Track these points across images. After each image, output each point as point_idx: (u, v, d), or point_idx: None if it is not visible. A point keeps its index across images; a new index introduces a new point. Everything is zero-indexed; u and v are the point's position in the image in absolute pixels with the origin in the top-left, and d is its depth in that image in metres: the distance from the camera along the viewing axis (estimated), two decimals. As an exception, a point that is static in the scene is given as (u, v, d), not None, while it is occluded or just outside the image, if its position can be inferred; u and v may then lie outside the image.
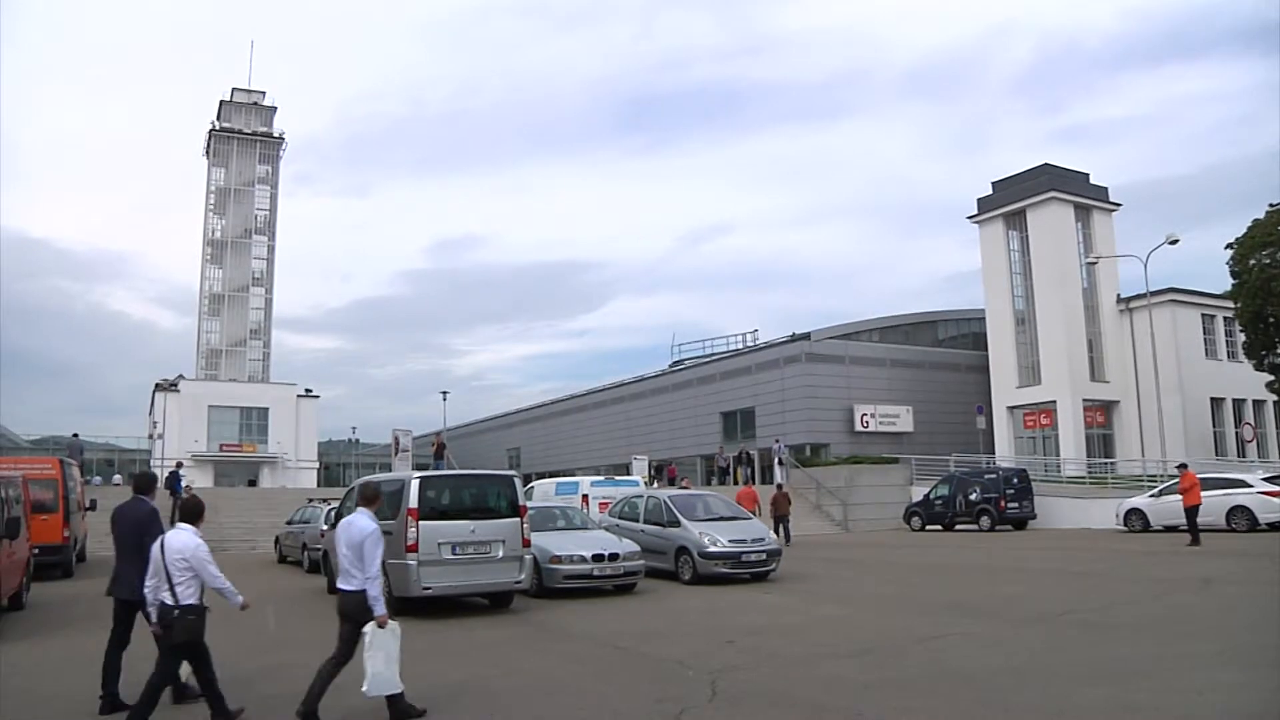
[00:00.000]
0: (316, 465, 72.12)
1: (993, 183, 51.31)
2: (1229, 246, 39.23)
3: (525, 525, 13.77)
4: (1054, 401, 46.76)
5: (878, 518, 36.10)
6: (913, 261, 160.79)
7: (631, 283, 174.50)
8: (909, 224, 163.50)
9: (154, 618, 7.16)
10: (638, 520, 19.04)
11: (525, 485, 28.59)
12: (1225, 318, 46.98)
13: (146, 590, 7.23)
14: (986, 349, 50.45)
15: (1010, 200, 49.46)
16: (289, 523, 24.76)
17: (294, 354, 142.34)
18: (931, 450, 43.53)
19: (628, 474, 34.74)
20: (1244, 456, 45.17)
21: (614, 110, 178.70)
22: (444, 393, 61.70)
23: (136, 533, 7.83)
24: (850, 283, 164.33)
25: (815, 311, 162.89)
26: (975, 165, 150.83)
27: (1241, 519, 25.53)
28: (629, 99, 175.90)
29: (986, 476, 33.41)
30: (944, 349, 55.10)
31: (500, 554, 13.36)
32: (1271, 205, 38.71)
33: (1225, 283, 40.71)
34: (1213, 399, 47.36)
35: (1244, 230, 38.92)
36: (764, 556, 17.48)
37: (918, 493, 36.55)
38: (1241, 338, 41.38)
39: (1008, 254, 49.59)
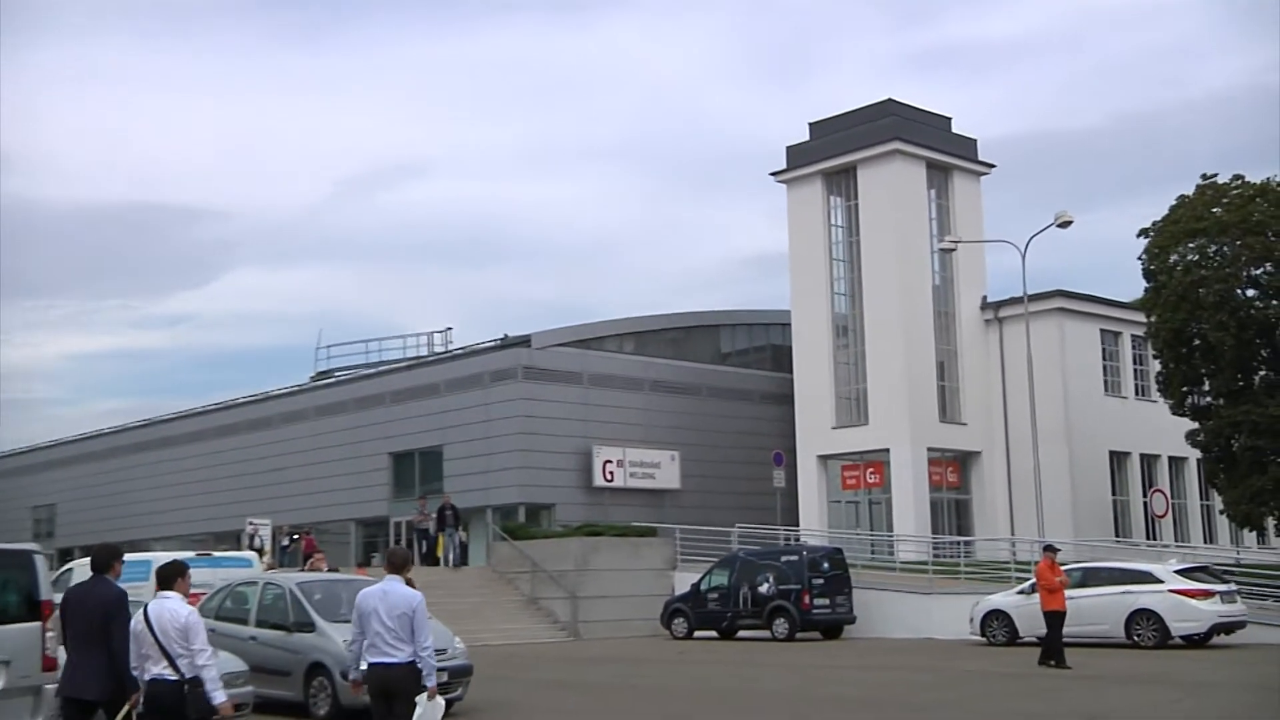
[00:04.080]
0: None
1: (810, 124, 52.33)
2: (1143, 234, 40.37)
3: (52, 635, 12.71)
4: (886, 450, 48.11)
5: (625, 618, 36.54)
6: (694, 236, 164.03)
7: (261, 246, 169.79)
8: (693, 180, 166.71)
9: (144, 698, 9.55)
10: (246, 621, 19.10)
11: (58, 568, 27.20)
12: (1135, 336, 49.13)
13: (134, 671, 9.57)
14: (791, 370, 51.73)
15: (834, 151, 50.18)
16: None
17: None
18: (706, 518, 44.37)
19: (238, 548, 34.17)
20: (1154, 538, 47.41)
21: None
22: (-67, 409, 58.41)
23: (102, 618, 9.84)
24: (596, 263, 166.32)
25: (541, 305, 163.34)
26: (799, 99, 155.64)
27: (1147, 629, 26.63)
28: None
29: (785, 559, 34.14)
30: (730, 367, 56.53)
31: (1, 683, 12.42)
32: (1205, 176, 39.96)
33: (1137, 286, 42.25)
34: (1113, 453, 49.87)
35: (1165, 212, 39.91)
36: (444, 678, 17.06)
37: (684, 581, 37.11)
38: (1156, 366, 42.86)
39: (827, 231, 50.81)
